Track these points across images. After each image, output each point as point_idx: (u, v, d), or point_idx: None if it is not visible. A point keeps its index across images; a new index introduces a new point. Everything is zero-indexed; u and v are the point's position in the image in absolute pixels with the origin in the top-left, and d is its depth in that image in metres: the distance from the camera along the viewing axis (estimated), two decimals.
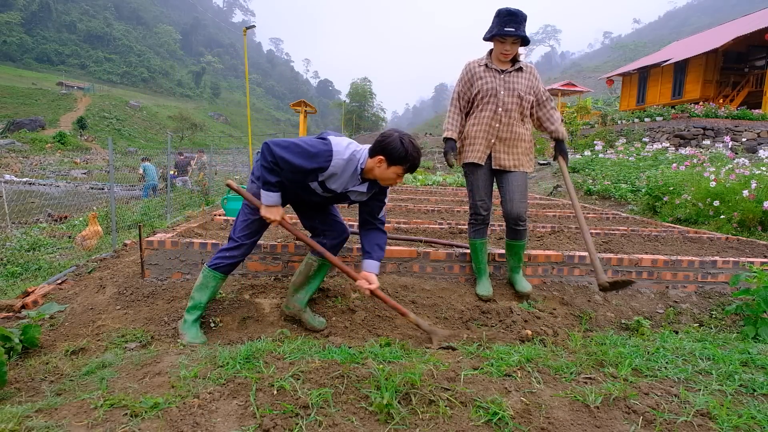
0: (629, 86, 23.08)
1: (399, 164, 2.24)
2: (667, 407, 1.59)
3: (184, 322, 2.46)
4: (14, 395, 1.81)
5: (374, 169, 2.28)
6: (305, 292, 2.62)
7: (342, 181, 2.31)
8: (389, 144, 2.22)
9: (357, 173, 2.30)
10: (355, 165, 2.28)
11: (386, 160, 2.23)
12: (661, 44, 44.59)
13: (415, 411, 1.52)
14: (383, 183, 2.36)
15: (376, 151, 2.25)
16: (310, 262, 2.61)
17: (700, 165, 7.11)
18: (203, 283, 2.46)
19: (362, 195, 2.42)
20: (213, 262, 2.45)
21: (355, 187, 2.35)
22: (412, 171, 2.32)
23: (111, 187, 6.15)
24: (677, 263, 3.27)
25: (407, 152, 2.22)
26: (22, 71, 63.99)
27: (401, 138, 2.23)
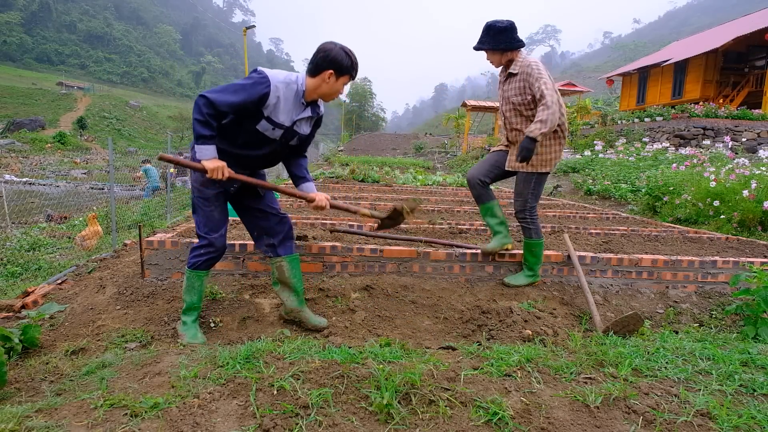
0: (629, 86, 23.08)
1: (346, 73, 2.29)
2: (667, 407, 1.59)
3: (183, 323, 2.45)
4: (14, 395, 1.81)
5: (321, 86, 2.28)
6: (295, 292, 2.58)
7: (287, 108, 2.26)
8: (336, 56, 2.24)
9: (300, 97, 2.29)
10: (295, 87, 2.26)
11: (335, 73, 2.26)
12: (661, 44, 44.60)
13: (415, 411, 1.52)
14: (328, 98, 2.37)
15: (321, 67, 2.25)
16: (278, 264, 2.53)
17: (700, 165, 7.11)
18: (189, 285, 2.43)
19: (308, 122, 2.41)
20: (190, 262, 2.40)
21: (300, 114, 2.33)
22: (354, 78, 2.37)
23: (111, 187, 6.14)
24: (677, 263, 3.27)
25: (352, 61, 2.29)
26: (22, 71, 64.03)
27: (343, 48, 2.28)
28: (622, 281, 3.25)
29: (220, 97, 2.11)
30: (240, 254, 3.07)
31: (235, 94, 2.13)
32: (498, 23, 2.85)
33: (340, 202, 2.58)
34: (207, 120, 2.12)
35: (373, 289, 2.93)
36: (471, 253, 3.18)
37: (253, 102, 2.16)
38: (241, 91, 2.14)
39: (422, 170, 14.62)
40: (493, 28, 2.85)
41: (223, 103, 2.11)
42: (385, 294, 2.90)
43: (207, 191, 2.33)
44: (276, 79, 2.20)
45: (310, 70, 2.28)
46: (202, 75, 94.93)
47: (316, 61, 2.26)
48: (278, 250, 2.53)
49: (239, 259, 3.07)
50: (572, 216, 5.88)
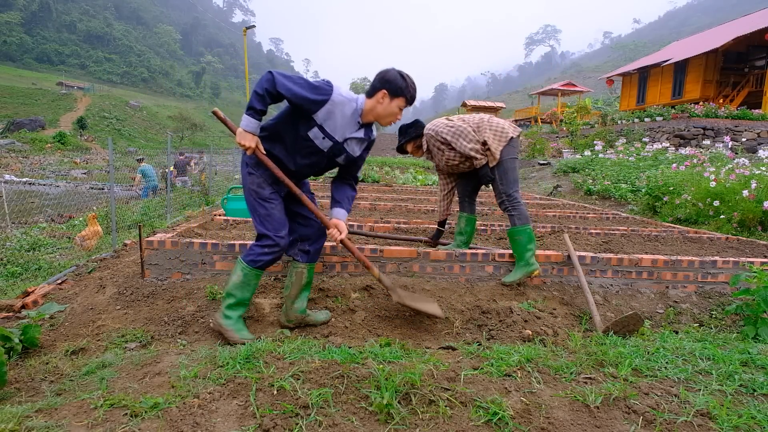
0: (629, 86, 23.09)
1: (401, 95, 2.33)
2: (667, 407, 1.59)
3: (228, 317, 2.36)
4: (14, 395, 1.81)
5: (376, 108, 2.33)
6: (301, 300, 2.57)
7: (341, 123, 2.30)
8: (390, 77, 2.31)
9: (356, 115, 2.33)
10: (354, 105, 2.31)
11: (389, 93, 2.30)
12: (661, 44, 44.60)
13: (415, 411, 1.52)
14: (384, 121, 2.40)
15: (376, 88, 2.32)
16: (299, 271, 2.53)
17: (700, 165, 7.11)
18: (245, 282, 2.36)
19: (358, 144, 2.43)
20: (250, 259, 2.35)
21: (353, 133, 2.36)
22: (411, 102, 2.39)
23: (111, 187, 6.14)
24: (677, 263, 3.27)
25: (407, 83, 2.33)
26: (22, 71, 64.02)
27: (399, 71, 2.34)
28: (622, 281, 3.25)
29: (283, 81, 2.16)
30: (240, 254, 3.06)
31: (296, 85, 2.18)
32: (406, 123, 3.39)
33: (353, 246, 2.55)
34: (264, 95, 2.17)
35: (373, 289, 2.93)
36: (471, 253, 3.18)
37: (308, 101, 2.19)
38: (305, 86, 2.19)
39: (422, 170, 14.62)
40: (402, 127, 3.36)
41: (282, 86, 2.15)
42: (385, 294, 2.90)
43: (263, 191, 2.36)
44: (338, 91, 2.26)
45: (368, 92, 2.36)
46: (202, 75, 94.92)
47: (373, 82, 2.34)
48: (309, 257, 2.55)
49: None
50: (572, 216, 5.88)
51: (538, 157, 15.90)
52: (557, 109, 28.61)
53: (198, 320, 2.63)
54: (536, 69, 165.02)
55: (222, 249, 3.06)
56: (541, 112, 30.39)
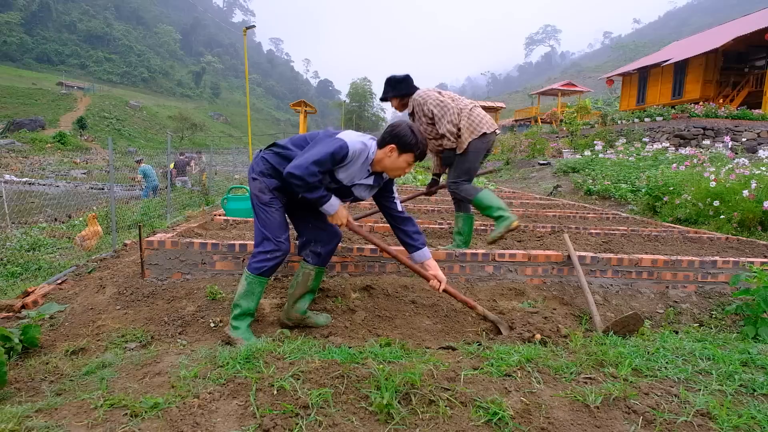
0: (629, 86, 23.09)
1: (410, 151, 2.32)
2: (667, 407, 1.59)
3: (236, 329, 2.37)
4: (14, 395, 1.81)
5: (384, 160, 2.33)
6: (303, 301, 2.58)
7: (352, 171, 2.32)
8: (400, 132, 2.30)
9: (367, 163, 2.33)
10: (366, 153, 2.31)
11: (397, 148, 2.30)
12: (661, 44, 44.60)
13: (415, 411, 1.52)
14: (392, 173, 2.41)
15: (386, 141, 2.32)
16: (307, 272, 2.55)
17: (700, 165, 7.11)
18: (249, 290, 2.38)
19: (367, 189, 2.44)
20: (254, 267, 2.36)
21: (362, 180, 2.37)
22: (422, 158, 2.39)
23: (111, 187, 6.14)
24: (677, 263, 3.27)
25: (417, 140, 2.31)
26: (22, 71, 64.01)
27: (410, 126, 2.32)
28: (622, 281, 3.25)
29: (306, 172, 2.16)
30: (240, 254, 3.07)
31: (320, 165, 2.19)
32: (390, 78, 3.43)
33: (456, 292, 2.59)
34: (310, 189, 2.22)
35: (373, 289, 2.93)
36: (471, 253, 3.18)
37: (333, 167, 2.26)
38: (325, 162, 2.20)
39: (422, 170, 14.62)
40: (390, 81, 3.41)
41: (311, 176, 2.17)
42: (385, 294, 2.90)
43: (263, 196, 2.38)
44: (353, 148, 2.25)
45: (378, 142, 2.36)
46: (202, 75, 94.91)
47: (383, 134, 2.34)
48: (320, 260, 2.56)
49: (239, 259, 3.07)
50: (572, 216, 5.88)
51: (538, 157, 15.90)
52: (557, 109, 28.62)
53: (198, 320, 2.63)
54: (536, 69, 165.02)
55: (222, 249, 3.06)
56: (541, 112, 30.41)
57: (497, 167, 15.82)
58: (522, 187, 11.92)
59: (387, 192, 2.54)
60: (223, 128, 67.65)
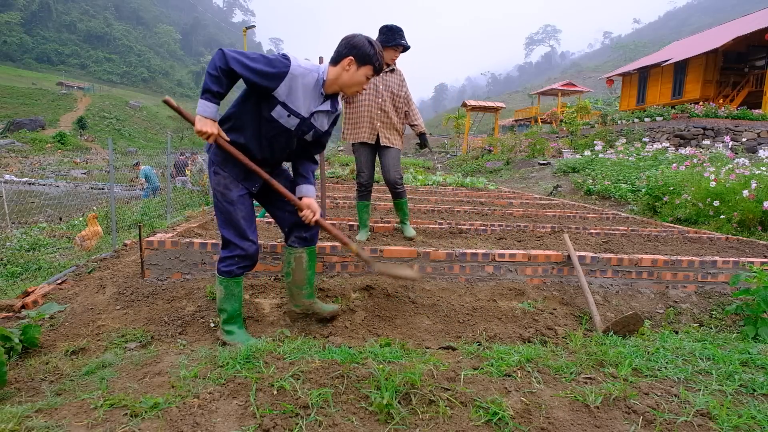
0: (629, 86, 23.08)
1: (369, 63, 2.19)
2: (667, 407, 1.59)
3: (229, 333, 2.29)
4: (14, 395, 1.81)
5: (341, 76, 2.18)
6: (309, 285, 2.51)
7: (305, 97, 2.15)
8: (357, 42, 2.16)
9: (319, 86, 2.18)
10: (316, 76, 2.15)
11: (356, 60, 2.16)
12: (661, 44, 44.61)
13: (415, 411, 1.52)
14: (349, 90, 2.25)
15: (342, 55, 2.17)
16: (299, 256, 2.43)
17: (700, 165, 7.11)
18: (227, 293, 2.27)
19: (324, 117, 2.28)
20: (222, 270, 2.25)
21: (318, 107, 2.21)
22: (378, 72, 2.25)
23: (111, 187, 6.15)
24: (677, 263, 3.27)
25: (375, 50, 2.19)
26: (22, 71, 64.03)
27: (367, 37, 2.20)
28: (622, 281, 3.25)
29: (235, 56, 2.01)
30: None
31: (251, 60, 2.03)
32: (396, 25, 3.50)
33: (329, 225, 2.41)
34: (218, 75, 2.01)
35: (373, 289, 2.93)
36: (471, 253, 3.18)
37: (266, 76, 2.05)
38: (260, 61, 2.04)
39: (422, 170, 14.62)
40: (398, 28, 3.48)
41: (235, 62, 2.00)
42: (385, 294, 2.90)
43: (230, 194, 2.20)
44: (297, 63, 2.11)
45: (333, 59, 2.20)
46: (202, 75, 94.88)
47: (338, 48, 2.19)
48: (307, 242, 2.44)
49: None
50: (572, 216, 5.88)
51: (538, 157, 15.89)
52: (557, 109, 28.61)
53: (198, 320, 2.63)
54: (536, 69, 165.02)
55: None
56: (541, 112, 30.40)
57: (497, 167, 15.83)
58: (522, 187, 11.91)
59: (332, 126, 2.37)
60: None
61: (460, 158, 20.27)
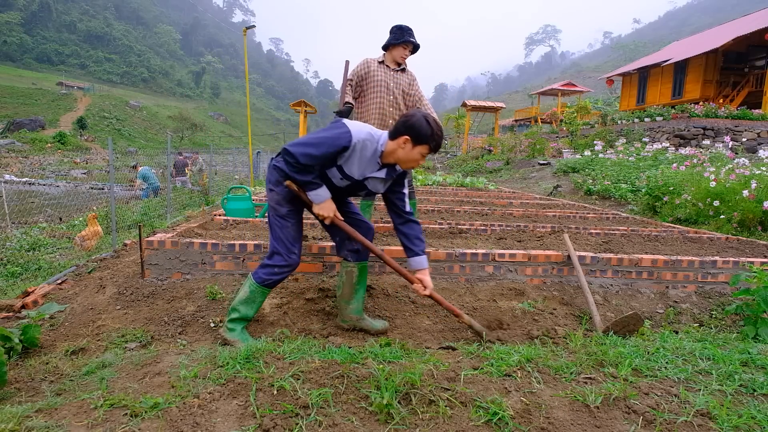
0: (629, 86, 23.09)
1: (424, 143, 2.22)
2: (667, 407, 1.59)
3: (232, 330, 2.35)
4: (14, 395, 1.81)
5: (397, 151, 2.24)
6: (356, 300, 2.55)
7: (361, 164, 2.25)
8: (415, 123, 2.20)
9: (377, 156, 2.25)
10: (374, 145, 2.24)
11: (411, 140, 2.21)
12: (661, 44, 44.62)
13: (415, 411, 1.52)
14: (405, 166, 2.32)
15: (399, 132, 2.22)
16: (350, 270, 2.52)
17: (700, 165, 7.11)
18: (251, 298, 2.35)
19: (380, 183, 2.35)
20: (261, 278, 2.33)
21: (373, 173, 2.29)
22: (436, 150, 2.30)
23: (111, 187, 6.15)
24: (677, 263, 3.27)
25: (433, 131, 2.22)
26: (22, 71, 64.02)
27: (426, 117, 2.23)
28: (622, 281, 3.25)
29: (301, 150, 2.12)
30: (240, 254, 3.07)
31: (316, 148, 2.14)
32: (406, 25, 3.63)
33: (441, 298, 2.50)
34: (300, 169, 2.16)
35: (373, 289, 2.93)
36: (471, 253, 3.18)
37: (334, 155, 2.20)
38: (323, 144, 2.15)
39: (422, 170, 14.62)
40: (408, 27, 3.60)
41: (305, 157, 2.12)
42: (385, 294, 2.90)
43: (282, 210, 2.33)
44: (358, 132, 2.19)
45: (391, 133, 2.26)
46: (202, 75, 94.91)
47: (396, 125, 2.26)
48: (359, 256, 2.52)
49: (239, 259, 3.07)
50: (572, 216, 5.88)
51: (538, 157, 15.89)
52: (557, 109, 28.61)
53: (198, 320, 2.63)
54: (536, 69, 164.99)
55: (222, 249, 3.06)
56: (541, 112, 30.40)
57: (497, 167, 15.83)
58: (522, 187, 11.91)
59: (397, 187, 2.44)
60: (223, 128, 67.68)
61: (460, 158, 20.27)
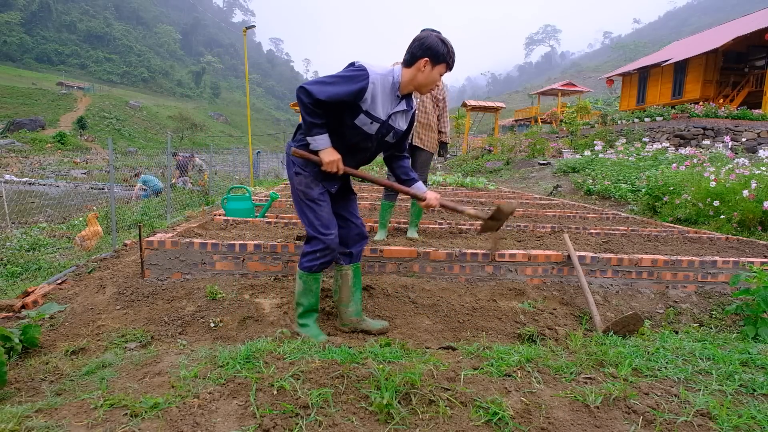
0: (629, 86, 23.08)
1: (443, 62, 2.22)
2: (667, 407, 1.59)
3: (304, 326, 2.40)
4: (14, 395, 1.81)
5: (417, 76, 2.23)
6: (355, 303, 2.55)
7: (384, 102, 2.23)
8: (432, 44, 2.19)
9: (395, 89, 2.24)
10: (391, 79, 2.22)
11: (431, 61, 2.20)
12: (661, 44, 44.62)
13: (415, 411, 1.52)
14: (424, 90, 2.31)
15: (416, 56, 2.20)
16: (345, 273, 2.52)
17: (700, 165, 7.11)
18: (306, 288, 2.39)
19: (403, 116, 2.34)
20: (306, 266, 2.35)
21: (395, 108, 2.28)
22: (451, 69, 2.30)
23: (111, 187, 6.14)
24: (677, 263, 3.27)
25: (448, 49, 2.23)
26: (22, 71, 64.03)
27: (438, 35, 2.23)
28: (622, 281, 3.25)
29: (318, 88, 2.08)
30: (240, 254, 3.07)
31: (333, 85, 2.11)
32: None
33: (449, 202, 2.56)
34: (312, 109, 2.11)
35: (373, 289, 2.93)
36: (471, 253, 3.18)
37: (351, 94, 2.13)
38: (341, 82, 2.12)
39: None
40: None
41: (321, 93, 2.08)
42: (385, 294, 2.90)
43: (311, 192, 2.31)
44: (374, 72, 2.17)
45: (406, 61, 2.23)
46: (202, 75, 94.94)
47: (411, 50, 2.22)
48: (353, 258, 2.53)
49: (239, 259, 3.07)
50: (572, 216, 5.88)
51: (538, 157, 15.89)
52: (557, 109, 28.61)
53: (198, 320, 2.63)
54: (536, 69, 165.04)
55: (222, 249, 3.06)
56: (541, 112, 30.40)
57: (497, 167, 15.83)
58: (522, 187, 11.91)
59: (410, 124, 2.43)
60: (223, 128, 67.70)
61: (460, 158, 20.27)
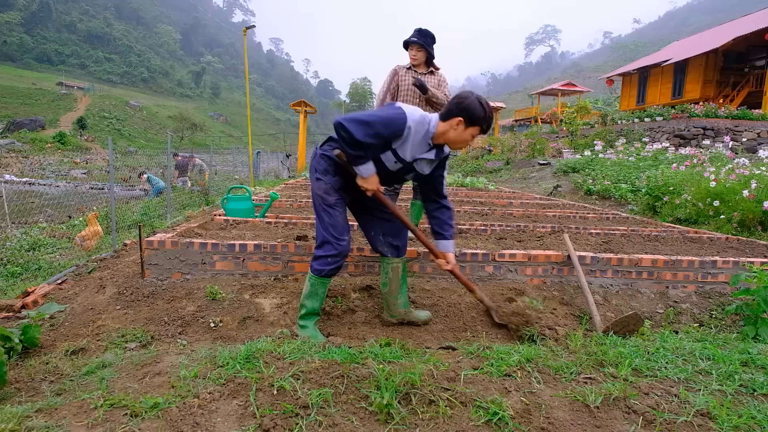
0: (629, 86, 23.08)
1: (477, 125, 2.27)
2: (667, 407, 1.59)
3: (304, 327, 2.44)
4: (14, 395, 1.81)
5: (448, 132, 2.28)
6: (403, 294, 2.63)
7: (414, 146, 2.28)
8: (469, 105, 2.23)
9: (428, 137, 2.29)
10: (426, 127, 2.27)
11: (465, 121, 2.24)
12: (661, 44, 44.61)
13: (415, 411, 1.52)
14: (454, 147, 2.38)
15: (452, 113, 2.25)
16: (396, 267, 2.59)
17: (700, 165, 7.11)
18: (313, 292, 2.43)
19: (427, 164, 2.40)
20: (317, 269, 2.39)
21: (423, 154, 2.33)
22: (486, 132, 2.34)
23: (111, 187, 6.14)
24: (677, 263, 3.27)
25: (485, 113, 2.26)
26: (22, 71, 63.99)
27: (479, 99, 2.27)
28: (622, 281, 3.25)
29: (357, 128, 2.14)
30: (240, 254, 3.07)
31: (372, 127, 2.16)
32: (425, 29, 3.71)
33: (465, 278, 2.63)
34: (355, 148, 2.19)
35: (373, 289, 2.93)
36: (471, 253, 3.18)
37: (390, 136, 2.22)
38: (378, 125, 2.18)
39: None
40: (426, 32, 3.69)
41: (360, 133, 2.14)
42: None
43: (329, 198, 2.37)
44: (412, 118, 2.22)
45: (442, 115, 2.29)
46: (202, 75, 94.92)
47: (450, 106, 2.28)
48: (399, 251, 2.59)
49: (239, 259, 3.07)
50: (572, 216, 5.88)
51: (538, 157, 15.89)
52: (557, 109, 28.60)
53: (198, 320, 2.63)
54: (536, 69, 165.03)
55: (222, 249, 3.06)
56: (541, 112, 30.39)
57: (497, 167, 15.83)
58: (522, 187, 11.91)
59: (438, 170, 2.48)
60: (223, 128, 67.72)
61: (460, 158, 20.27)
